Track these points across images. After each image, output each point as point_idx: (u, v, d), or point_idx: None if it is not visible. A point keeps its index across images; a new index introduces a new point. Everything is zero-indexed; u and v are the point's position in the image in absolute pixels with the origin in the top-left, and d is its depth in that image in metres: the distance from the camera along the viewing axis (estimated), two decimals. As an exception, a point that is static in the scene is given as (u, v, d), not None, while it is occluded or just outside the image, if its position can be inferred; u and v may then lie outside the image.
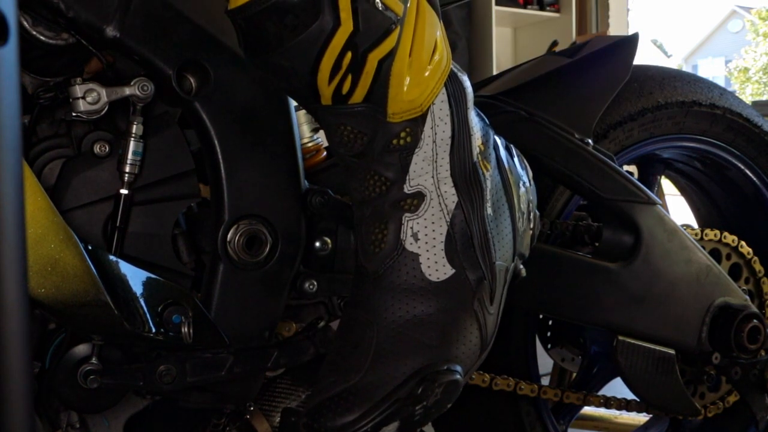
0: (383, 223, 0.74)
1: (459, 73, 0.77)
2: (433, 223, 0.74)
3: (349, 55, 0.69)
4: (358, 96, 0.71)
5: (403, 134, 0.72)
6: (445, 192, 0.75)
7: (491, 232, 0.77)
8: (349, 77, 0.70)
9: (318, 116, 0.75)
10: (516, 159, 0.85)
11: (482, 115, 0.82)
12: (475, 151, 0.77)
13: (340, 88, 0.70)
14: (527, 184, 0.85)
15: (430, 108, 0.73)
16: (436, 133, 0.74)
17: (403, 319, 0.73)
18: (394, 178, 0.73)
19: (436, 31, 0.73)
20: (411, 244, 0.73)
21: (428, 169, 0.74)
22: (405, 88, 0.71)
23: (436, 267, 0.74)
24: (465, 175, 0.76)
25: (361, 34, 0.68)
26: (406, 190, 0.73)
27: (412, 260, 0.73)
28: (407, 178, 0.73)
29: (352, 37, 0.68)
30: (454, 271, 0.74)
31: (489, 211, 0.77)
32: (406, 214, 0.73)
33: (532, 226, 0.85)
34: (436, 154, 0.74)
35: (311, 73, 0.69)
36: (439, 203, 0.74)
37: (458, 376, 0.73)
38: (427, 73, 0.72)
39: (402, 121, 0.72)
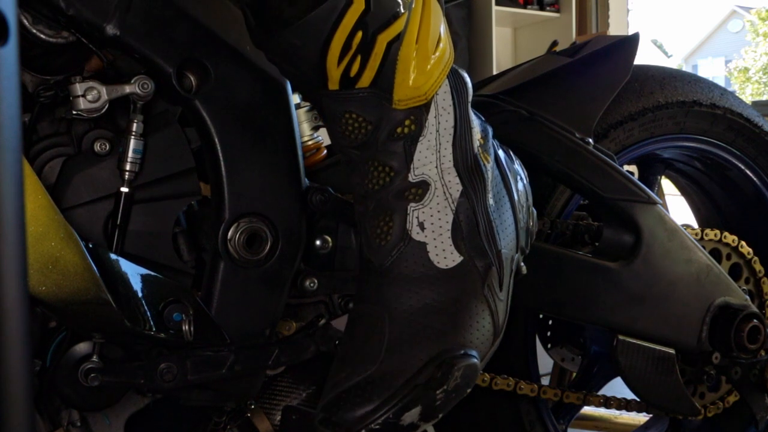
0: (388, 215, 0.73)
1: (459, 69, 0.78)
2: (438, 211, 0.74)
3: (359, 34, 0.69)
4: (366, 80, 0.71)
5: (407, 122, 0.73)
6: (449, 181, 0.75)
7: (495, 221, 0.77)
8: (358, 59, 0.70)
9: (322, 105, 0.74)
10: (513, 158, 0.86)
11: (479, 114, 0.82)
12: (476, 143, 0.77)
13: (348, 71, 0.70)
14: (524, 180, 0.86)
15: (434, 97, 0.74)
16: (439, 123, 0.74)
17: (414, 308, 0.72)
18: (399, 168, 0.73)
19: (440, 24, 0.74)
20: (418, 233, 0.73)
21: (432, 159, 0.74)
22: (411, 75, 0.71)
23: (444, 255, 0.74)
24: (467, 165, 0.76)
25: (372, 14, 0.69)
26: (410, 179, 0.73)
27: (420, 249, 0.73)
28: (411, 167, 0.73)
29: (363, 16, 0.68)
30: (462, 258, 0.74)
31: (491, 201, 0.78)
32: (412, 204, 0.73)
33: (531, 222, 0.85)
34: (440, 143, 0.74)
35: (321, 51, 0.69)
36: (444, 192, 0.74)
37: (475, 360, 0.73)
38: (432, 62, 0.72)
39: (407, 109, 0.72)
